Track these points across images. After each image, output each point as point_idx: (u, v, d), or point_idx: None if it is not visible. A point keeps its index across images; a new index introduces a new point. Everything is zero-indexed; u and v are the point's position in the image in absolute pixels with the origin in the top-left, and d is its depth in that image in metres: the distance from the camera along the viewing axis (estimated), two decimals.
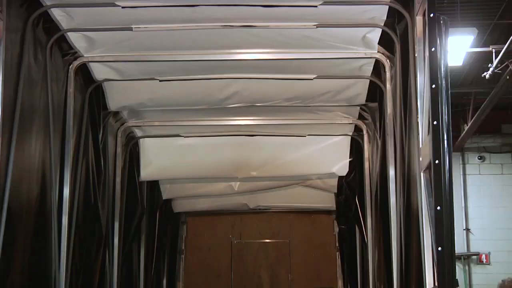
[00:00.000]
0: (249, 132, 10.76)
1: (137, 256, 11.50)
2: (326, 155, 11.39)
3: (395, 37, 7.15)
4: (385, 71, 7.98)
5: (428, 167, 5.43)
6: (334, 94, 9.03)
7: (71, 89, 7.85)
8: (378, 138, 8.99)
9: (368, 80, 8.64)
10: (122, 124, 10.14)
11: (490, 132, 20.26)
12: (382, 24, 7.14)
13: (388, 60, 7.80)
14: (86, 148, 8.38)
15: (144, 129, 10.71)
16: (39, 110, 6.98)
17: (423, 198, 5.61)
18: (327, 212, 13.60)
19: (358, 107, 9.60)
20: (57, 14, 6.87)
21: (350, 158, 11.38)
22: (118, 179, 10.04)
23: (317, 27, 7.08)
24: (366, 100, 9.16)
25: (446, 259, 4.83)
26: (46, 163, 7.18)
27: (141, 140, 11.04)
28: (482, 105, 15.95)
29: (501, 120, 19.84)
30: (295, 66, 8.25)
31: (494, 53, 14.05)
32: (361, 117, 9.98)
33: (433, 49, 5.13)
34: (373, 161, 9.64)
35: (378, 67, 8.21)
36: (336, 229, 13.57)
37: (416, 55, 5.86)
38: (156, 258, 12.39)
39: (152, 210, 12.23)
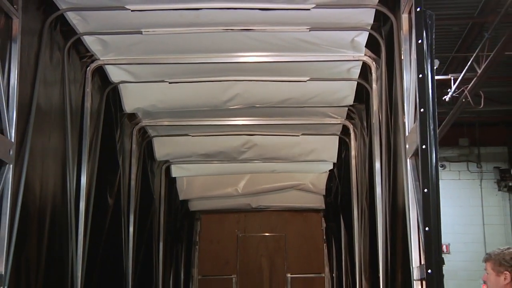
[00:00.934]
0: (249, 132, 10.24)
1: (156, 247, 11.09)
2: (317, 151, 10.98)
3: (381, 39, 6.64)
4: (371, 73, 7.48)
5: (415, 153, 4.97)
6: (325, 96, 8.50)
7: (88, 90, 7.32)
8: (365, 136, 8.48)
9: (356, 82, 8.11)
10: (137, 124, 9.59)
11: (450, 145, 21.56)
12: (369, 28, 6.62)
13: (374, 62, 7.31)
14: (102, 145, 7.81)
15: (157, 129, 10.11)
16: (57, 108, 6.44)
17: (410, 183, 5.12)
18: (317, 211, 13.65)
19: (346, 108, 9.05)
20: (73, 17, 6.35)
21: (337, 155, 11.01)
22: (133, 175, 9.50)
23: (310, 30, 6.58)
24: (354, 101, 8.61)
25: (433, 239, 4.36)
26: (63, 158, 6.64)
27: (154, 138, 10.46)
28: (443, 123, 16.88)
29: (458, 135, 21.61)
30: (290, 69, 7.76)
31: (452, 80, 15.67)
32: (348, 117, 9.42)
33: (419, 41, 4.63)
34: (360, 157, 9.10)
35: (365, 69, 7.70)
36: (324, 225, 13.74)
37: (402, 51, 5.35)
38: (175, 249, 12.57)
39: (171, 209, 12.33)
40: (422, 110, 4.51)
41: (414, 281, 4.97)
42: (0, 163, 4.95)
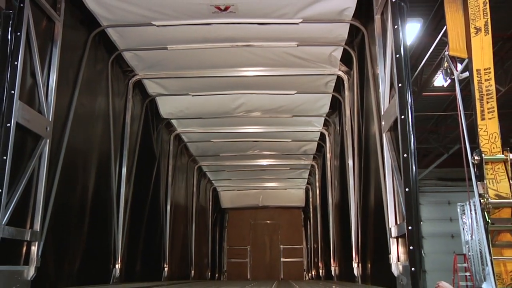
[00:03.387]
0: (255, 139, 8.87)
1: (190, 229, 10.19)
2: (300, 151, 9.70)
3: (353, 52, 5.44)
4: (343, 86, 6.24)
5: (391, 128, 3.72)
6: (307, 105, 7.22)
7: (130, 100, 6.11)
8: (338, 135, 7.25)
9: (331, 95, 6.84)
10: (173, 132, 8.32)
11: None
12: (343, 43, 5.40)
13: (346, 76, 6.09)
14: (142, 146, 6.55)
15: (189, 136, 8.78)
16: (100, 113, 5.26)
17: (386, 154, 3.86)
18: (298, 208, 13.98)
19: (324, 116, 7.72)
20: (113, 34, 5.17)
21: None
22: (170, 173, 8.20)
23: (298, 45, 5.40)
24: (329, 109, 7.32)
25: (412, 198, 3.15)
26: (107, 156, 5.44)
27: (188, 143, 9.18)
28: None
29: None
30: (281, 84, 6.50)
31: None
32: (325, 124, 8.10)
33: (395, 26, 3.44)
34: (334, 155, 7.84)
35: (338, 83, 6.43)
36: (302, 216, 14.06)
37: (376, 47, 4.13)
38: (213, 232, 12.83)
39: (215, 211, 13.24)
40: (400, 85, 3.33)
41: (391, 239, 3.75)
42: (37, 137, 3.80)
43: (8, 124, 3.33)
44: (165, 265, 7.78)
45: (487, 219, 1.82)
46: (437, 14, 8.36)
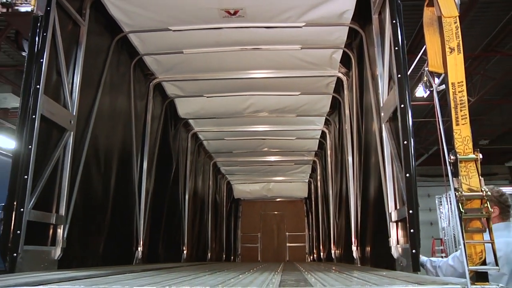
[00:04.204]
0: (263, 137, 8.49)
1: (206, 218, 9.87)
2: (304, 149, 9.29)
3: (352, 54, 5.13)
4: (343, 87, 5.92)
5: (390, 118, 3.40)
6: (310, 105, 6.87)
7: (150, 101, 5.83)
8: (337, 133, 6.94)
9: (331, 96, 6.50)
10: (191, 131, 8.05)
11: None
12: (343, 46, 5.09)
13: (345, 77, 5.78)
14: (162, 143, 6.28)
15: (204, 134, 8.48)
16: (122, 112, 5.00)
17: (385, 143, 3.55)
18: (301, 199, 13.81)
19: (324, 115, 7.37)
20: (134, 39, 4.94)
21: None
22: (188, 168, 7.91)
23: (301, 48, 5.10)
24: (330, 109, 6.98)
25: (413, 183, 2.83)
26: (129, 151, 5.18)
27: (204, 141, 8.86)
28: None
29: None
30: (286, 85, 6.17)
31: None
32: (325, 123, 7.74)
33: (394, 21, 3.14)
34: (334, 150, 7.49)
35: (337, 84, 6.09)
36: (305, 208, 13.90)
37: (375, 44, 3.83)
38: (228, 220, 12.77)
39: (229, 201, 13.04)
40: (399, 75, 3.03)
41: (390, 223, 3.45)
42: (62, 129, 3.57)
43: (34, 116, 3.11)
44: (184, 248, 7.53)
45: (461, 209, 1.87)
46: (417, 36, 9.00)
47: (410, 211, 2.82)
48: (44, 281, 1.95)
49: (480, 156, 1.90)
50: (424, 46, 2.23)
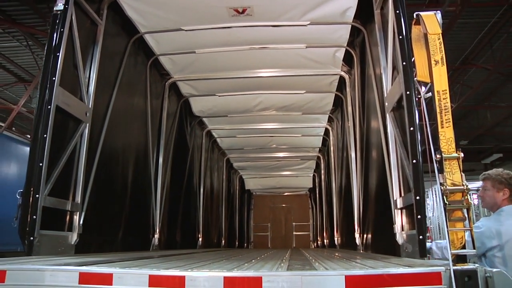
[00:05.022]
0: (271, 134, 8.10)
1: (220, 209, 9.50)
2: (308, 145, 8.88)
3: (354, 52, 4.75)
4: (345, 85, 5.54)
5: (395, 107, 3.00)
6: (314, 104, 6.45)
7: (166, 99, 5.49)
8: (340, 130, 6.54)
9: (334, 94, 6.09)
10: (205, 129, 7.73)
11: None
12: (345, 44, 4.71)
13: (348, 75, 5.39)
14: (177, 139, 5.92)
15: (218, 132, 8.12)
16: (139, 110, 4.69)
17: (390, 132, 3.15)
18: (306, 193, 13.61)
19: (328, 113, 6.95)
20: (150, 40, 4.63)
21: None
22: (202, 163, 7.56)
23: (306, 47, 4.73)
24: (333, 106, 6.56)
25: (419, 169, 2.45)
26: (145, 146, 4.84)
27: (218, 139, 8.47)
28: None
29: None
30: (293, 84, 5.77)
31: None
32: (329, 119, 7.28)
33: (397, 11, 2.77)
34: (337, 146, 7.09)
35: (340, 83, 5.69)
36: (309, 200, 13.68)
37: (377, 39, 3.44)
38: (241, 212, 12.30)
39: (241, 193, 12.46)
40: (404, 63, 2.64)
41: (396, 210, 3.06)
42: (78, 121, 3.26)
43: (49, 107, 2.82)
44: (199, 236, 7.21)
45: (445, 201, 1.89)
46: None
47: (417, 197, 2.45)
48: (73, 263, 1.78)
49: (462, 154, 1.92)
50: (413, 58, 2.25)
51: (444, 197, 1.86)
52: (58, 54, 2.93)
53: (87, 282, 1.60)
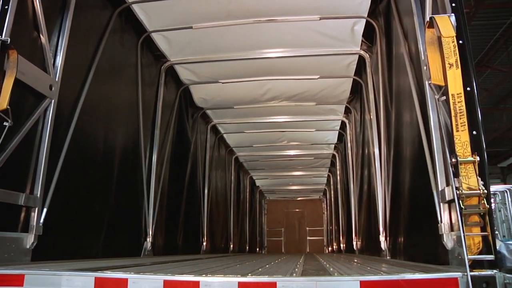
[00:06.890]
0: (282, 129, 7.38)
1: (229, 212, 8.81)
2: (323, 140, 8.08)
3: (377, 24, 4.02)
4: (365, 68, 4.80)
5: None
6: (329, 91, 5.71)
7: (162, 86, 4.84)
8: (359, 121, 5.79)
9: (352, 79, 5.36)
10: (210, 123, 7.06)
11: None
12: (366, 15, 3.97)
13: (368, 55, 4.66)
14: (175, 134, 5.27)
15: (224, 127, 7.46)
16: (127, 98, 4.05)
17: (431, 111, 2.43)
18: (319, 197, 13.72)
19: (344, 103, 6.18)
20: (139, 12, 3.97)
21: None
22: (207, 160, 6.90)
23: (320, 19, 4.03)
24: (350, 94, 5.80)
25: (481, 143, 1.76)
26: (134, 140, 4.18)
27: (224, 134, 7.81)
28: None
29: None
30: (304, 68, 5.08)
31: None
32: (346, 110, 6.51)
33: None
34: (355, 140, 6.30)
35: (359, 66, 4.96)
36: (324, 205, 13.52)
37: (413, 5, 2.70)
38: (251, 215, 11.74)
39: (252, 195, 11.86)
40: (461, 42, 1.97)
41: (441, 204, 2.33)
42: (40, 96, 2.63)
43: None
44: (203, 240, 6.54)
45: (462, 206, 1.74)
46: (490, 51, 9.27)
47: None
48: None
49: (478, 158, 1.84)
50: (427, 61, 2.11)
51: (460, 201, 1.78)
52: (6, 7, 2.32)
53: (103, 287, 1.62)
